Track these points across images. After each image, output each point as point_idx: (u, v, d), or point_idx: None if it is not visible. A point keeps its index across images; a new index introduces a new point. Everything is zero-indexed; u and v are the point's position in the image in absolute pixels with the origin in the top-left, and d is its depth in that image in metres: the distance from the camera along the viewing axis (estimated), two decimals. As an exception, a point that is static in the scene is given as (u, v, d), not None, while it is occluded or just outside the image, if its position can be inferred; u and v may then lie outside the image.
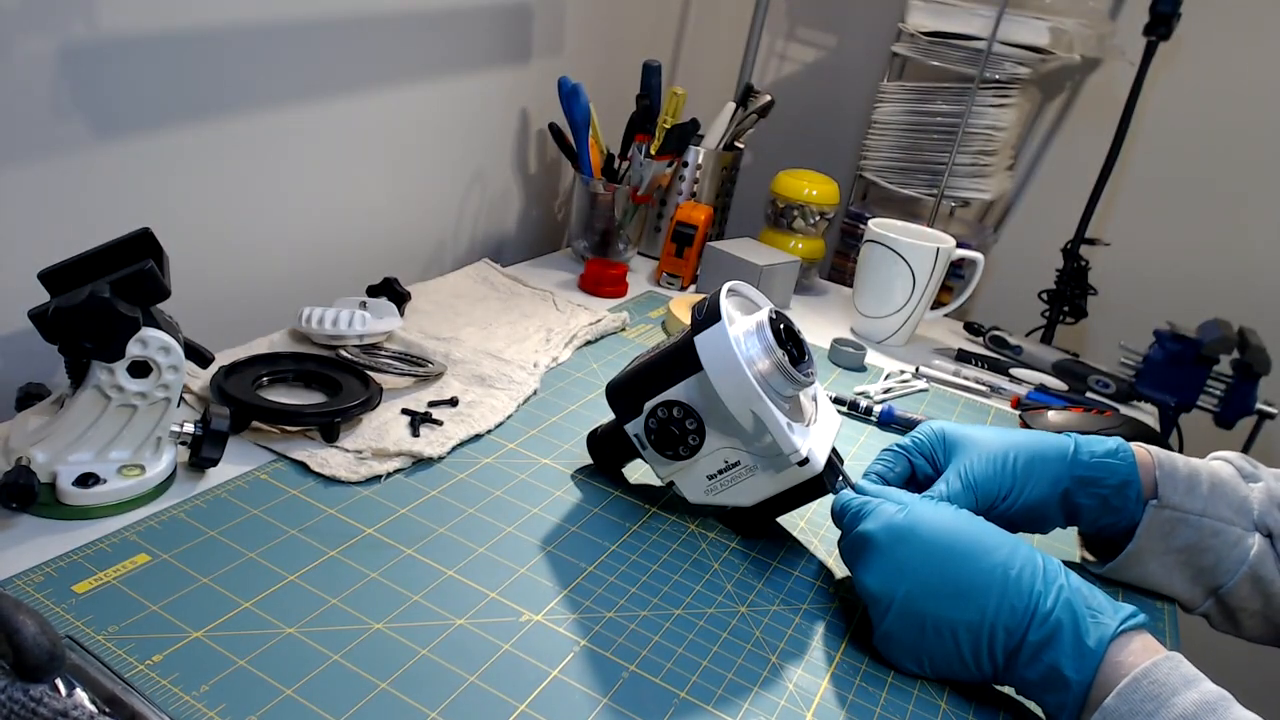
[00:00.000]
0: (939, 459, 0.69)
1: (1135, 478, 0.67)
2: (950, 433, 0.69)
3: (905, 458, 0.69)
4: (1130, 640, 0.51)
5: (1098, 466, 0.67)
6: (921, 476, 0.69)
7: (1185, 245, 1.42)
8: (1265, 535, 0.66)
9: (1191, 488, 0.67)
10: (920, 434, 0.70)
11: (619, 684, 0.53)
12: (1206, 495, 0.67)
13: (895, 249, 1.09)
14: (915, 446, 0.70)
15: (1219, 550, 0.67)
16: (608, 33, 1.34)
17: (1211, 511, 0.66)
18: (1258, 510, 0.67)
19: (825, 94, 1.59)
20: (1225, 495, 0.67)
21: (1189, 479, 0.67)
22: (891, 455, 0.70)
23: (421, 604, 0.56)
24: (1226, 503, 0.67)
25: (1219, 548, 0.67)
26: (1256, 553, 0.66)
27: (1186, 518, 0.66)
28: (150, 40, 0.71)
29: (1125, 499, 0.67)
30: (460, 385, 0.82)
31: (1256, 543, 0.66)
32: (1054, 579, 0.54)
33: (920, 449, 0.69)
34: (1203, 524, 0.66)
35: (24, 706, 0.36)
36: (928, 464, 0.69)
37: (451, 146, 1.09)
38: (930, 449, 0.69)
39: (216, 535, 0.58)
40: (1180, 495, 0.67)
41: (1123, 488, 0.67)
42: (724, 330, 0.62)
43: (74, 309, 0.53)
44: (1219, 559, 0.67)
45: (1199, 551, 0.67)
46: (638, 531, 0.68)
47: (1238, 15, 1.32)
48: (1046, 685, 0.53)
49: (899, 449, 0.70)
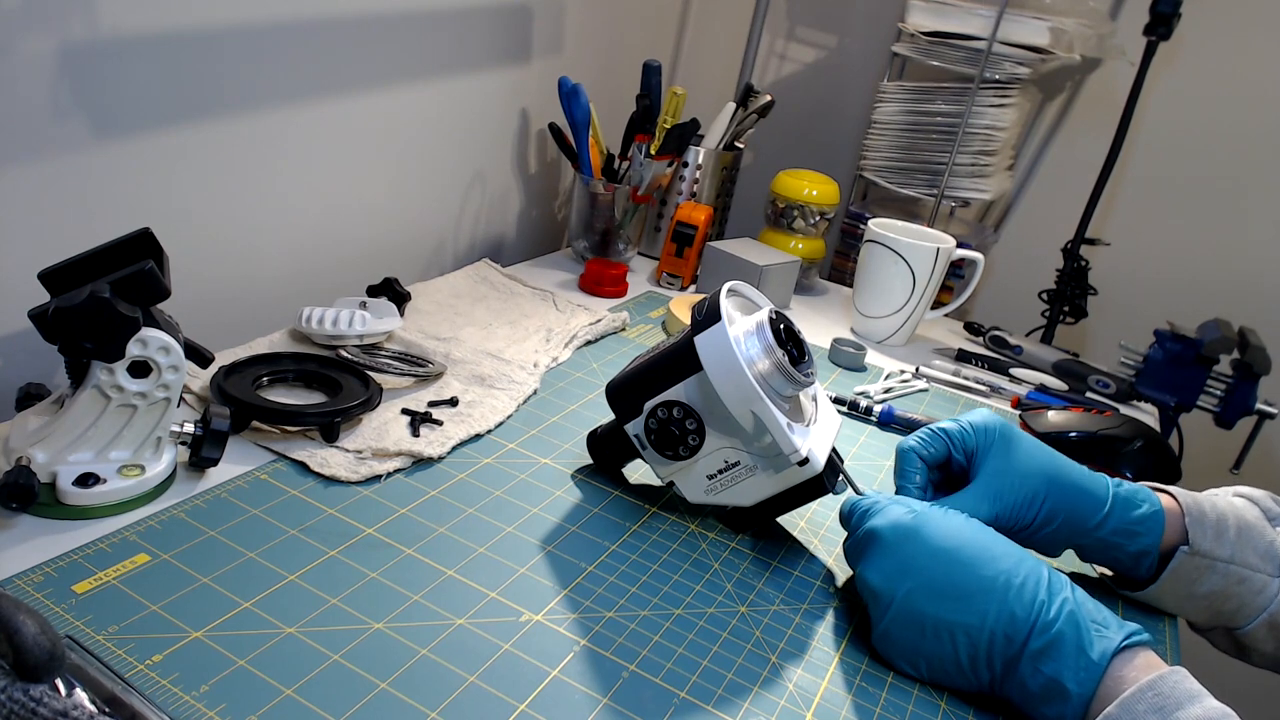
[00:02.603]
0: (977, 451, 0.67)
1: (1156, 548, 0.66)
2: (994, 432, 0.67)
3: (945, 442, 0.68)
4: (1134, 656, 0.51)
5: (1122, 533, 0.65)
6: (955, 468, 0.68)
7: (1185, 245, 1.42)
8: None
9: (1220, 534, 0.65)
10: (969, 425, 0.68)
11: (619, 684, 0.53)
12: (1234, 541, 0.65)
13: (895, 249, 1.09)
14: (960, 437, 0.67)
15: (1243, 597, 0.65)
16: (608, 33, 1.34)
17: (1239, 559, 0.65)
18: None
19: (825, 94, 1.59)
20: (1252, 541, 0.66)
21: (1217, 524, 0.66)
22: (931, 435, 0.68)
23: (421, 604, 0.56)
24: (1254, 548, 0.65)
25: (1243, 595, 0.65)
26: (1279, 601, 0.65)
27: (1214, 565, 0.65)
28: (150, 40, 0.71)
29: (1137, 564, 0.67)
30: (460, 385, 0.82)
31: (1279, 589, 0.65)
32: (1058, 591, 0.54)
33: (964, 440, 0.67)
34: (1230, 571, 0.65)
35: (24, 706, 0.36)
36: (963, 454, 0.67)
37: (451, 146, 1.09)
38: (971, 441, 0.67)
39: (216, 535, 0.58)
40: (1209, 542, 0.65)
41: (1140, 556, 0.66)
42: (724, 330, 0.62)
43: (74, 309, 0.53)
44: (1241, 605, 0.66)
45: (1223, 598, 0.66)
46: (638, 531, 0.68)
47: (1238, 15, 1.31)
48: (1047, 696, 0.52)
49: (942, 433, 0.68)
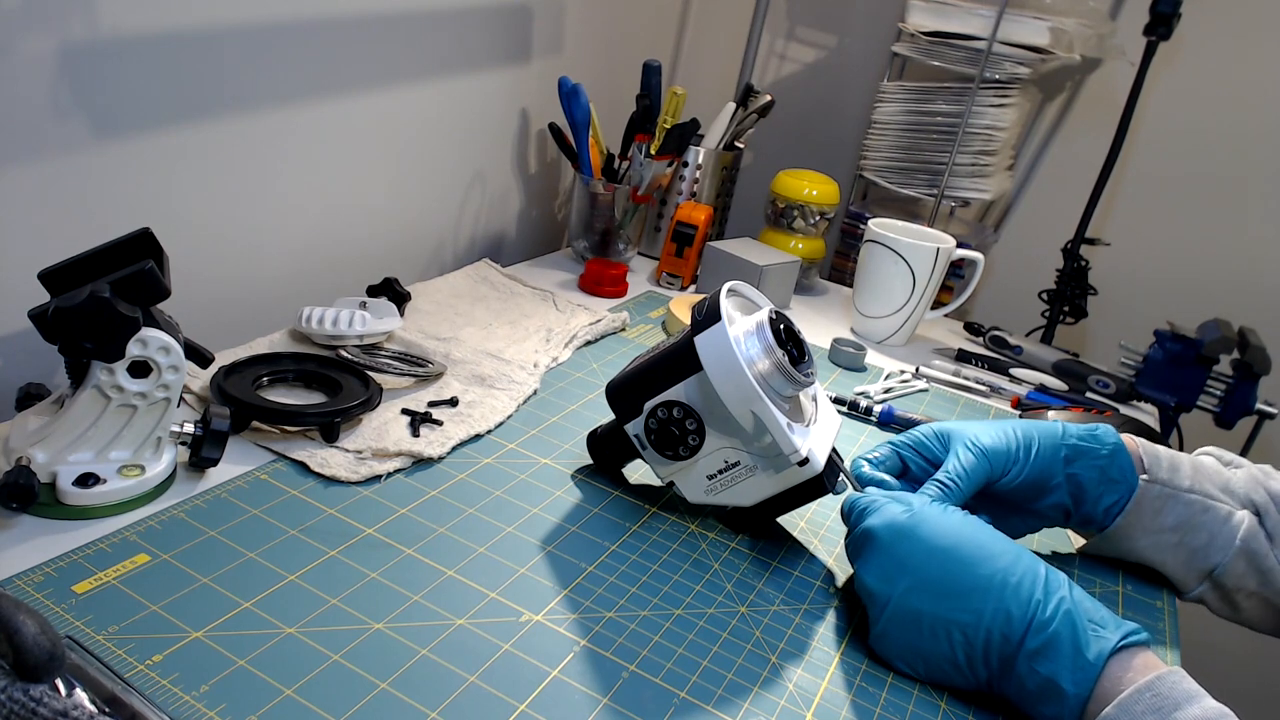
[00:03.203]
0: (935, 451, 0.69)
1: (1123, 447, 0.68)
2: (946, 426, 0.70)
3: (896, 453, 0.70)
4: (1132, 656, 0.51)
5: (1086, 438, 0.68)
6: (917, 470, 0.69)
7: (1185, 245, 1.42)
8: (1254, 513, 0.67)
9: (1175, 467, 0.69)
10: (917, 431, 0.70)
11: (619, 684, 0.53)
12: (1191, 475, 0.69)
13: (895, 249, 1.09)
14: (911, 442, 0.70)
15: (1210, 527, 0.67)
16: (608, 33, 1.34)
17: (1199, 488, 0.68)
18: (1243, 490, 0.68)
19: (825, 94, 1.59)
20: (1209, 476, 0.69)
21: (1172, 460, 0.69)
22: (885, 449, 0.70)
23: (421, 604, 0.56)
24: (1211, 481, 0.69)
25: (1210, 524, 0.67)
26: (1247, 529, 0.67)
27: (1176, 494, 0.68)
28: (150, 40, 0.71)
29: (1121, 469, 0.68)
30: (460, 385, 0.82)
31: (1246, 519, 0.67)
32: (1055, 590, 0.54)
33: (916, 444, 0.69)
34: (1192, 500, 0.68)
35: (24, 706, 0.36)
36: (922, 459, 0.69)
37: (451, 146, 1.09)
38: (923, 443, 0.69)
39: (216, 535, 0.58)
40: (1166, 472, 0.68)
41: (1114, 455, 0.68)
42: (724, 330, 0.62)
43: (74, 309, 0.53)
44: (1211, 536, 0.67)
45: (1190, 529, 0.68)
46: (638, 531, 0.68)
47: (1238, 15, 1.31)
48: (1043, 696, 0.52)
49: (891, 444, 0.70)
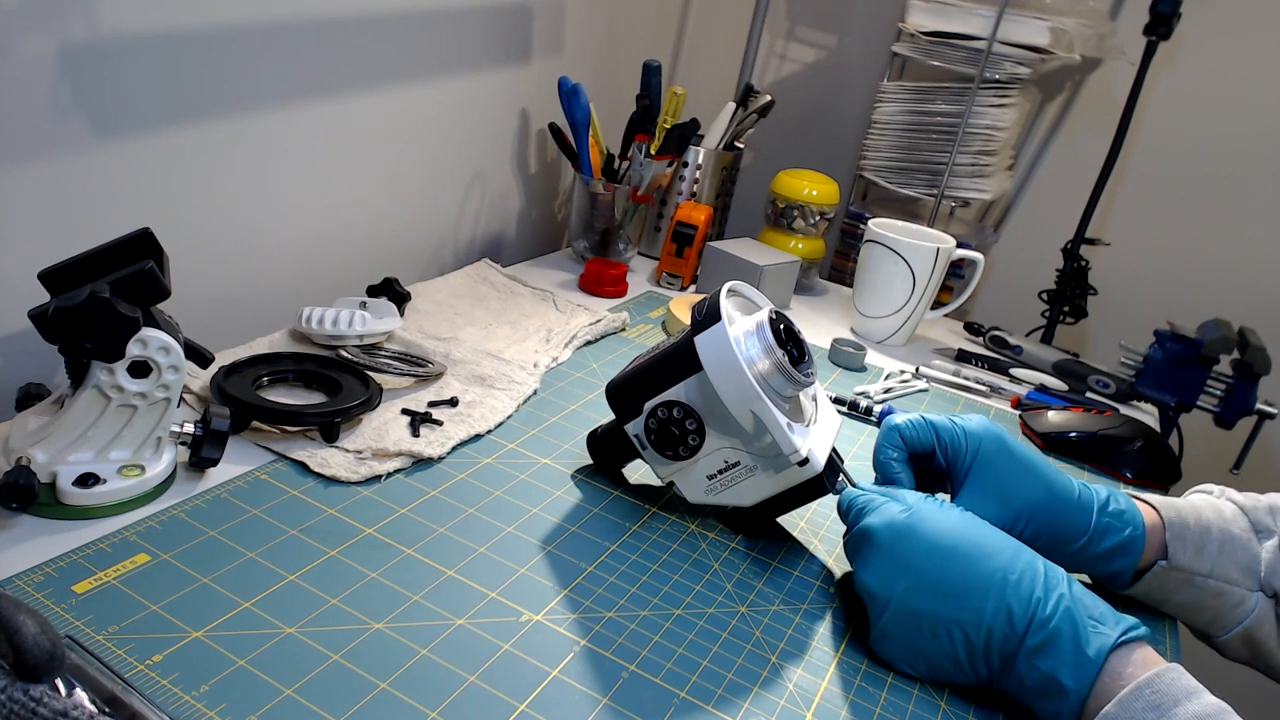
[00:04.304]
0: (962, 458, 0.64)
1: (1131, 570, 0.65)
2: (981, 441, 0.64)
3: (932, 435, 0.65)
4: (1131, 652, 0.51)
5: (1100, 560, 0.65)
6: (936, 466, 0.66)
7: (1185, 245, 1.42)
8: (1270, 596, 0.64)
9: (1201, 548, 0.64)
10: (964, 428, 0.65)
11: (619, 684, 0.53)
12: (1215, 555, 0.64)
13: (895, 249, 1.09)
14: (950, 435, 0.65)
15: (1218, 610, 0.65)
16: (608, 33, 1.34)
17: (1219, 573, 0.64)
18: (1265, 571, 0.64)
19: (825, 94, 1.59)
20: (1234, 555, 0.64)
21: (1199, 538, 0.65)
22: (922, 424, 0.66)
23: (421, 604, 0.56)
24: (1235, 563, 0.64)
25: (1219, 608, 0.65)
26: (1257, 615, 0.64)
27: (1193, 579, 0.64)
28: (150, 40, 0.71)
29: (1113, 580, 0.66)
30: (460, 385, 0.82)
31: (1259, 605, 0.64)
32: (1055, 586, 0.54)
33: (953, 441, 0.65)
34: (1207, 585, 0.64)
35: (24, 706, 0.36)
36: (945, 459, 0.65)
37: (451, 146, 1.09)
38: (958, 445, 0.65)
39: (216, 535, 0.58)
40: (1189, 557, 0.64)
41: (1115, 575, 0.66)
42: (724, 330, 0.62)
43: (74, 309, 0.53)
44: (1216, 617, 0.65)
45: (1196, 610, 0.66)
46: (638, 531, 0.68)
47: (1237, 16, 1.31)
48: (1043, 692, 0.52)
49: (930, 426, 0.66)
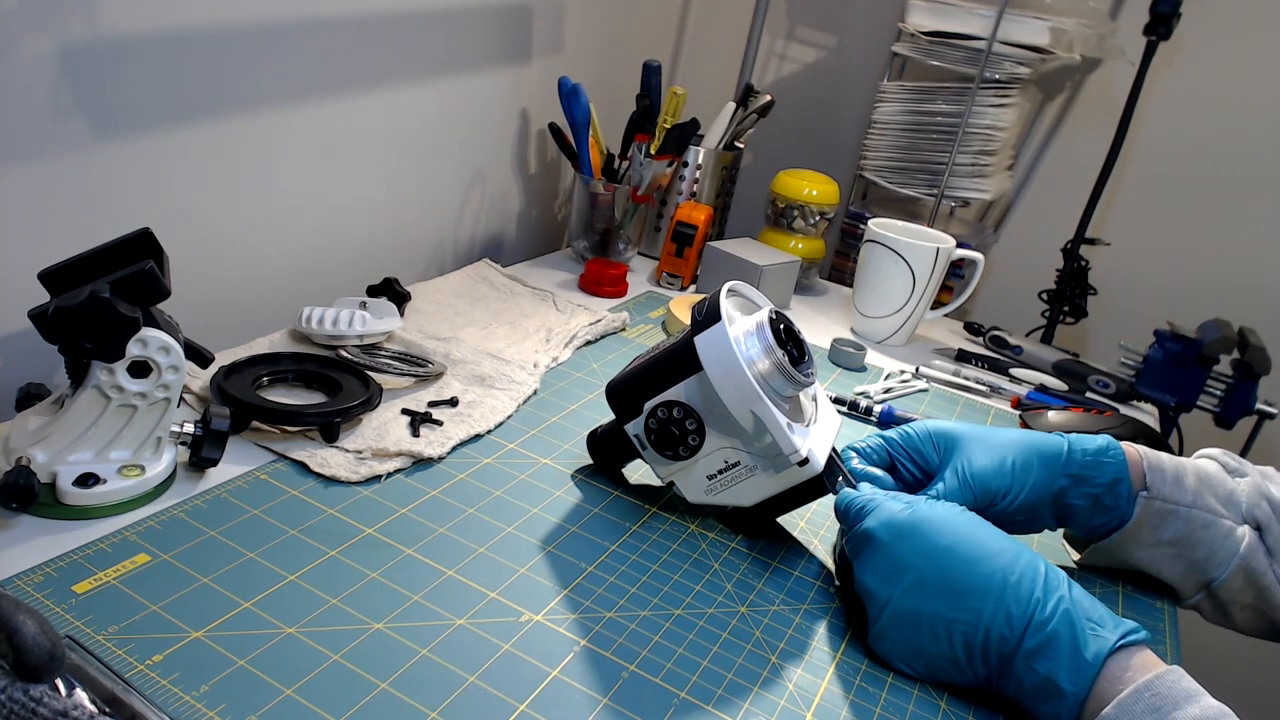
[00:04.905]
0: (928, 458, 0.69)
1: (1126, 475, 0.67)
2: (943, 431, 0.69)
3: (886, 450, 0.69)
4: (1130, 655, 0.51)
5: (1090, 465, 0.67)
6: (905, 473, 0.69)
7: (1185, 245, 1.42)
8: (1254, 528, 0.67)
9: (1179, 480, 0.67)
10: (910, 429, 0.70)
11: (619, 684, 0.53)
12: (1194, 488, 0.67)
13: (895, 249, 1.09)
14: (903, 441, 0.69)
15: (1210, 543, 0.67)
16: (608, 33, 1.34)
17: (1200, 503, 0.67)
18: (1245, 503, 0.68)
19: (825, 94, 1.59)
20: (1213, 488, 0.68)
21: (1176, 473, 0.68)
22: (876, 440, 0.70)
23: (421, 604, 0.56)
24: (1214, 495, 0.68)
25: (1210, 540, 0.67)
26: (1247, 545, 0.66)
27: (1176, 509, 0.67)
28: (150, 40, 0.71)
29: (1117, 497, 0.67)
30: (460, 385, 0.82)
31: (1247, 535, 0.66)
32: (1054, 588, 0.54)
33: (908, 444, 0.69)
34: (1193, 515, 0.67)
35: (24, 706, 0.36)
36: (911, 462, 0.69)
37: (451, 146, 1.09)
38: (918, 447, 0.69)
39: (216, 535, 0.58)
40: (1169, 487, 0.67)
41: (1114, 485, 0.67)
42: (724, 330, 0.62)
43: (74, 309, 0.53)
44: (1211, 552, 0.67)
45: (1190, 544, 0.67)
46: (638, 531, 0.68)
47: (1238, 15, 1.31)
48: (1041, 694, 0.52)
49: (883, 439, 0.70)
